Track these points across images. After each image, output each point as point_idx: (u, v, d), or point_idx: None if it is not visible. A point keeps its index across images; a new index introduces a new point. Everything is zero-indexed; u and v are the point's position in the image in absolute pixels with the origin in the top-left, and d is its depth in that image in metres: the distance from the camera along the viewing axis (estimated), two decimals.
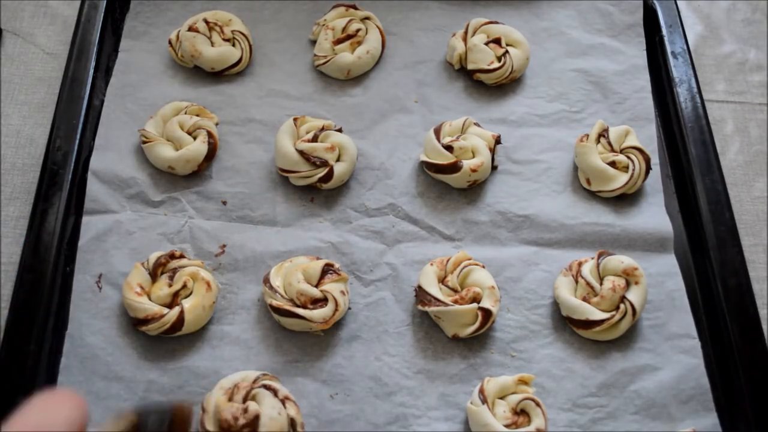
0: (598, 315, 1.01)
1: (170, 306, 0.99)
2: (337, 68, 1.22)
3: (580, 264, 1.05)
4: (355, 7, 1.26)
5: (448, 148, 1.11)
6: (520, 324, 1.04)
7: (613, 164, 1.13)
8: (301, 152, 1.10)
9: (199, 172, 1.13)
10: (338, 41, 1.23)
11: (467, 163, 1.10)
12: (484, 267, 1.04)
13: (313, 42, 1.26)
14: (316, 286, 1.00)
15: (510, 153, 1.18)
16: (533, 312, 1.05)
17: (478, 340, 1.02)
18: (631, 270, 1.03)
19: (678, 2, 1.32)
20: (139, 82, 1.21)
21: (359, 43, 1.24)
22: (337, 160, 1.11)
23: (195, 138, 1.12)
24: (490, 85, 1.23)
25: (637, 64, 1.27)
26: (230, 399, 0.91)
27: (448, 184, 1.13)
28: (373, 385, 0.99)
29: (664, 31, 1.28)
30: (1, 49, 1.28)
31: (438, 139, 1.12)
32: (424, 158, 1.13)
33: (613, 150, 1.14)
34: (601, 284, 1.03)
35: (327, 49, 1.23)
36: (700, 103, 1.21)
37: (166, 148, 1.11)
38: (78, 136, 1.12)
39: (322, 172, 1.09)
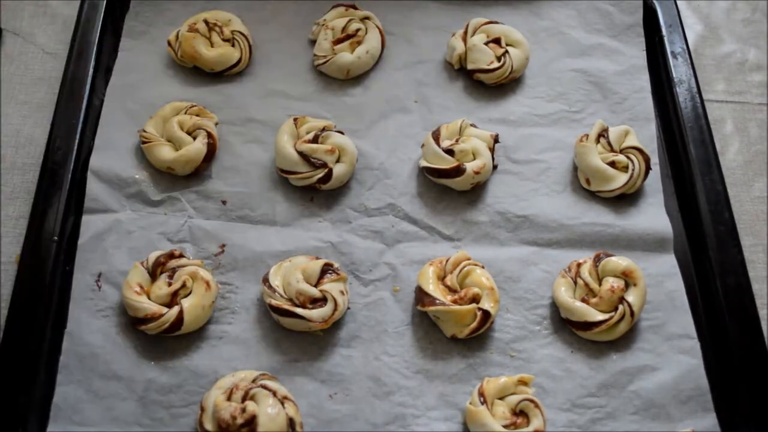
0: (596, 316, 1.01)
1: (169, 305, 0.99)
2: (336, 68, 1.22)
3: (579, 265, 1.05)
4: (354, 7, 1.26)
5: (449, 152, 1.11)
6: (519, 324, 1.04)
7: (612, 164, 1.13)
8: (301, 153, 1.10)
9: (199, 172, 1.13)
10: (338, 41, 1.23)
11: (470, 166, 1.10)
12: (483, 267, 1.04)
13: (313, 42, 1.26)
14: (316, 285, 1.00)
15: (510, 153, 1.18)
16: (532, 312, 1.05)
17: (477, 340, 1.02)
18: (629, 271, 1.03)
19: (678, 2, 1.32)
20: (139, 82, 1.21)
21: (359, 43, 1.24)
22: (337, 161, 1.11)
23: (195, 138, 1.13)
24: (490, 85, 1.23)
25: (637, 64, 1.26)
26: (229, 398, 0.91)
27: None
28: (372, 385, 0.99)
29: (664, 31, 1.28)
30: (1, 48, 1.28)
31: (438, 143, 1.12)
32: (425, 164, 1.12)
33: (612, 150, 1.14)
34: (600, 285, 1.03)
35: (327, 48, 1.23)
36: (699, 103, 1.21)
37: (166, 149, 1.11)
38: (78, 136, 1.12)
39: (321, 173, 1.09)
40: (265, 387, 0.92)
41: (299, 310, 0.98)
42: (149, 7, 1.28)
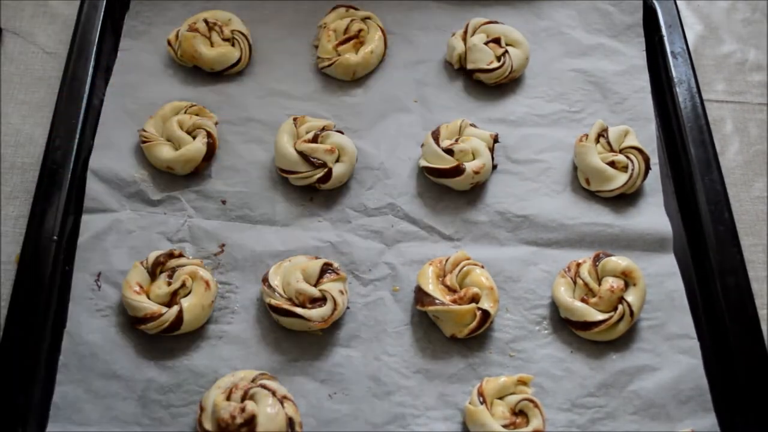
0: (596, 316, 1.00)
1: (169, 305, 0.99)
2: (343, 69, 1.22)
3: (578, 265, 1.05)
4: (354, 8, 1.26)
5: (448, 151, 1.11)
6: (518, 324, 1.04)
7: (612, 164, 1.13)
8: (301, 153, 1.10)
9: (198, 172, 1.13)
10: (340, 43, 1.23)
11: (469, 166, 1.10)
12: (483, 267, 1.04)
13: (316, 45, 1.26)
14: (315, 285, 1.00)
15: (509, 153, 1.18)
16: (532, 312, 1.05)
17: (476, 339, 1.02)
18: (629, 271, 1.03)
19: (678, 2, 1.32)
20: (139, 82, 1.21)
21: (362, 44, 1.24)
22: (337, 160, 1.11)
23: (194, 137, 1.12)
24: (490, 85, 1.23)
25: (637, 64, 1.26)
26: (228, 398, 0.91)
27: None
28: (371, 385, 0.99)
29: (664, 31, 1.28)
30: (1, 48, 1.28)
31: (437, 143, 1.12)
32: (425, 164, 1.12)
33: (612, 150, 1.14)
34: (599, 285, 1.03)
35: (330, 50, 1.23)
36: (699, 103, 1.21)
37: (165, 149, 1.11)
38: (77, 136, 1.12)
39: (320, 173, 1.09)
40: (264, 387, 0.92)
41: (299, 310, 0.98)
42: (149, 7, 1.28)
